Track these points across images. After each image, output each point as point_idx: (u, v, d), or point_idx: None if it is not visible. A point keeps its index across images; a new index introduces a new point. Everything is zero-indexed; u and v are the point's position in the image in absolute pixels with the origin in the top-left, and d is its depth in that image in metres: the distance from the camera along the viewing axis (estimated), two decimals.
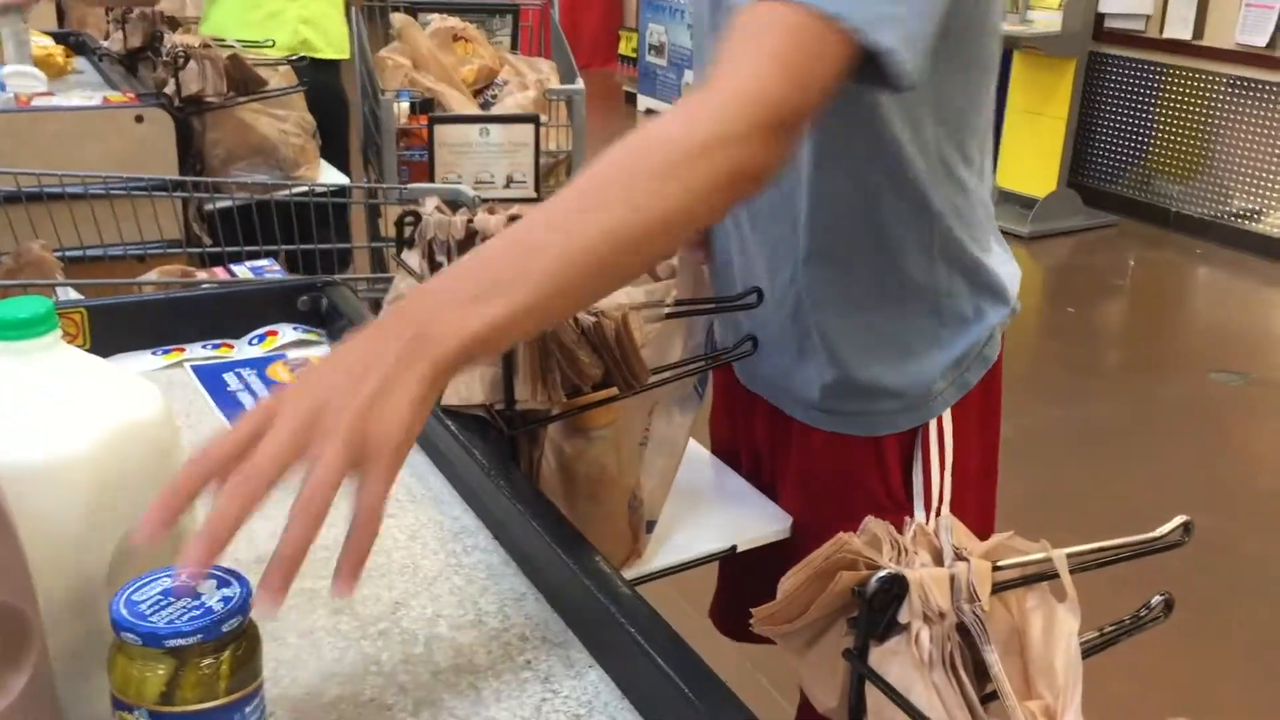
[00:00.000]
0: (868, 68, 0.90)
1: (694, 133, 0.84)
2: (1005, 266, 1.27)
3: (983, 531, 1.05)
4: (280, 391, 0.70)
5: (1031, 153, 5.97)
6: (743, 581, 1.47)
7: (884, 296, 1.19)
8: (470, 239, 1.25)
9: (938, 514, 1.27)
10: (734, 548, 1.22)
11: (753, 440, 1.38)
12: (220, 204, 2.17)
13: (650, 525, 1.18)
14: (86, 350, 1.19)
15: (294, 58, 2.59)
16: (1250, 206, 5.65)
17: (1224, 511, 3.28)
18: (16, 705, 0.59)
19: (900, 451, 1.26)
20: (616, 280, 0.87)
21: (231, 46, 2.52)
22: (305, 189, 2.39)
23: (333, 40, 3.25)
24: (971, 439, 1.28)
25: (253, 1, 3.04)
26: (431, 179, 3.02)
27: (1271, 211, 5.56)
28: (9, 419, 0.68)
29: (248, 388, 1.23)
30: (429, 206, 1.28)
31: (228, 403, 1.20)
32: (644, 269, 1.02)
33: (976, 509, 1.32)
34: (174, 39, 2.47)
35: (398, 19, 3.36)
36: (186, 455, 0.70)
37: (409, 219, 1.26)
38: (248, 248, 1.89)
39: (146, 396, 0.74)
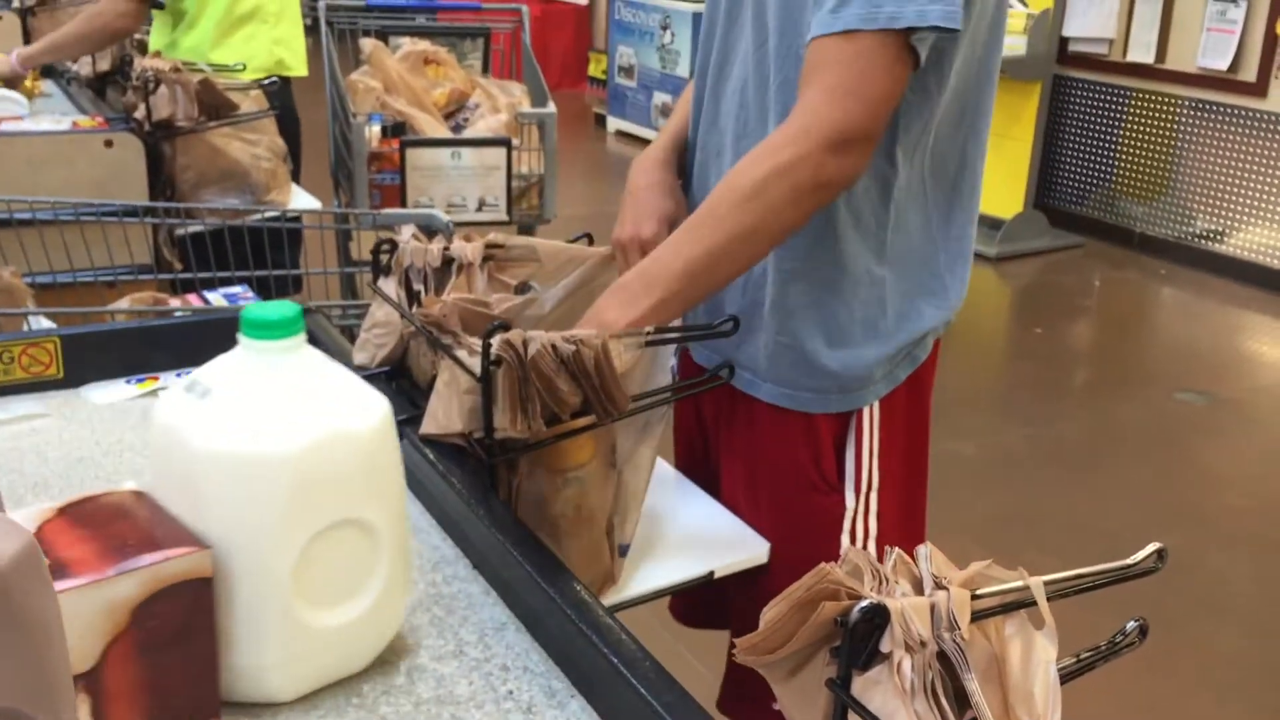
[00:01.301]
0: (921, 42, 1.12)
1: (772, 160, 1.12)
2: (958, 272, 1.34)
3: (911, 538, 1.12)
4: None
5: (998, 175, 6.03)
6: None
7: (835, 282, 1.28)
8: (446, 266, 1.25)
9: (867, 500, 1.35)
10: (711, 574, 1.22)
11: (700, 419, 1.46)
12: (191, 229, 2.16)
13: (624, 549, 1.18)
14: (59, 379, 1.19)
15: (267, 80, 2.58)
16: (1213, 227, 5.73)
17: (1189, 530, 3.32)
18: None
19: (833, 433, 1.33)
20: (723, 279, 1.19)
21: (202, 70, 2.51)
22: (277, 214, 2.39)
23: (300, 58, 3.25)
24: (898, 436, 1.36)
25: (227, 28, 3.04)
26: (403, 203, 3.02)
27: (1234, 233, 5.64)
28: (236, 409, 0.75)
29: None
30: (405, 234, 1.28)
31: None
32: (746, 267, 1.20)
33: (903, 511, 1.38)
34: (144, 63, 2.46)
35: (367, 43, 3.37)
36: (399, 468, 0.82)
37: (385, 247, 1.26)
38: (219, 273, 1.89)
39: (369, 409, 0.79)
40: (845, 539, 1.34)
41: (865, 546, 1.35)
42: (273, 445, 0.74)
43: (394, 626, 0.85)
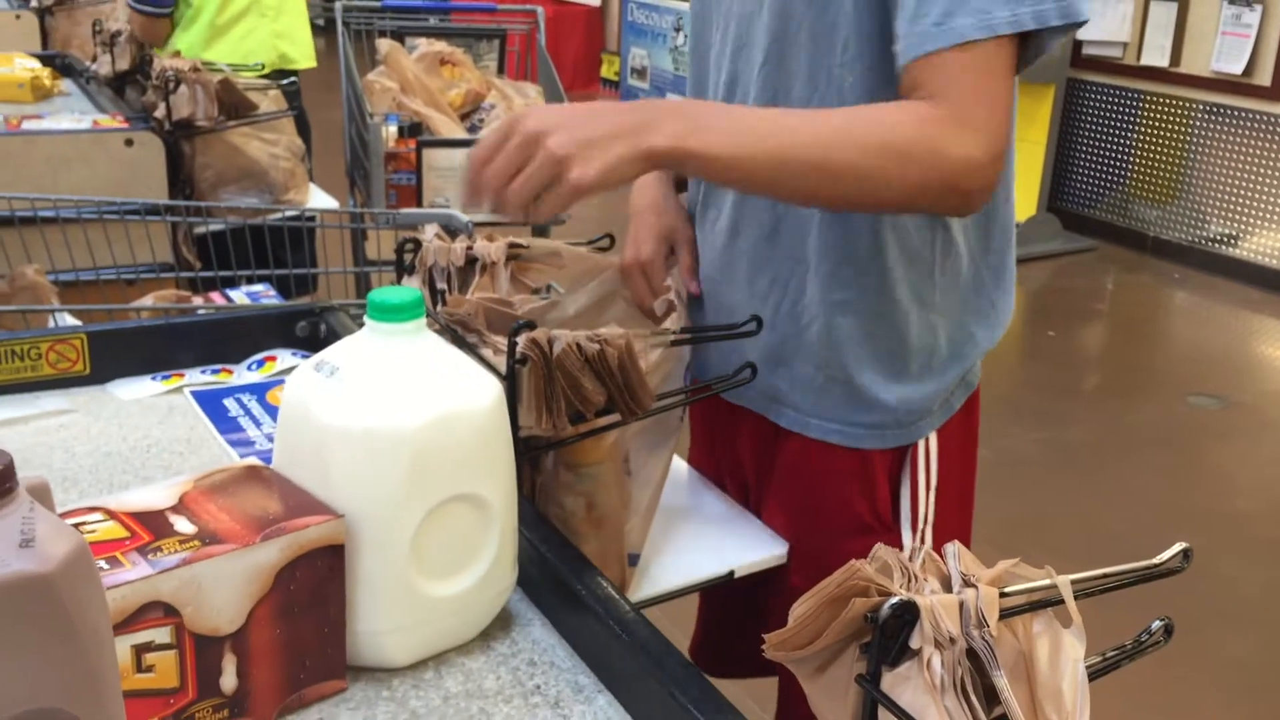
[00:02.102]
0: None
1: (935, 138, 1.02)
2: (1008, 295, 1.29)
3: None
4: (530, 116, 1.00)
5: None
6: (725, 616, 1.48)
7: (887, 313, 1.21)
8: (470, 265, 1.27)
9: (923, 536, 1.28)
10: (731, 573, 1.23)
11: (738, 465, 1.38)
12: (210, 227, 2.17)
13: (634, 559, 1.18)
14: (86, 375, 1.21)
15: (287, 80, 2.60)
16: (1227, 231, 5.72)
17: (1201, 534, 3.32)
18: None
19: (887, 470, 1.27)
20: (785, 192, 1.10)
21: (222, 70, 2.53)
22: (295, 213, 2.40)
23: (305, 51, 3.26)
24: (954, 463, 1.30)
25: (225, 23, 3.06)
26: (419, 202, 3.03)
27: (1248, 236, 5.63)
28: (361, 387, 0.79)
29: (248, 413, 1.24)
30: (429, 234, 1.30)
31: (229, 428, 1.20)
32: (809, 203, 1.14)
33: (955, 535, 1.33)
34: (164, 62, 2.48)
35: (384, 44, 3.38)
36: (510, 447, 0.86)
37: (409, 246, 1.27)
38: (240, 272, 1.90)
39: (484, 389, 0.83)
40: None
41: None
42: (396, 421, 0.78)
43: (501, 600, 0.89)
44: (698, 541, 1.28)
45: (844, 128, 1.04)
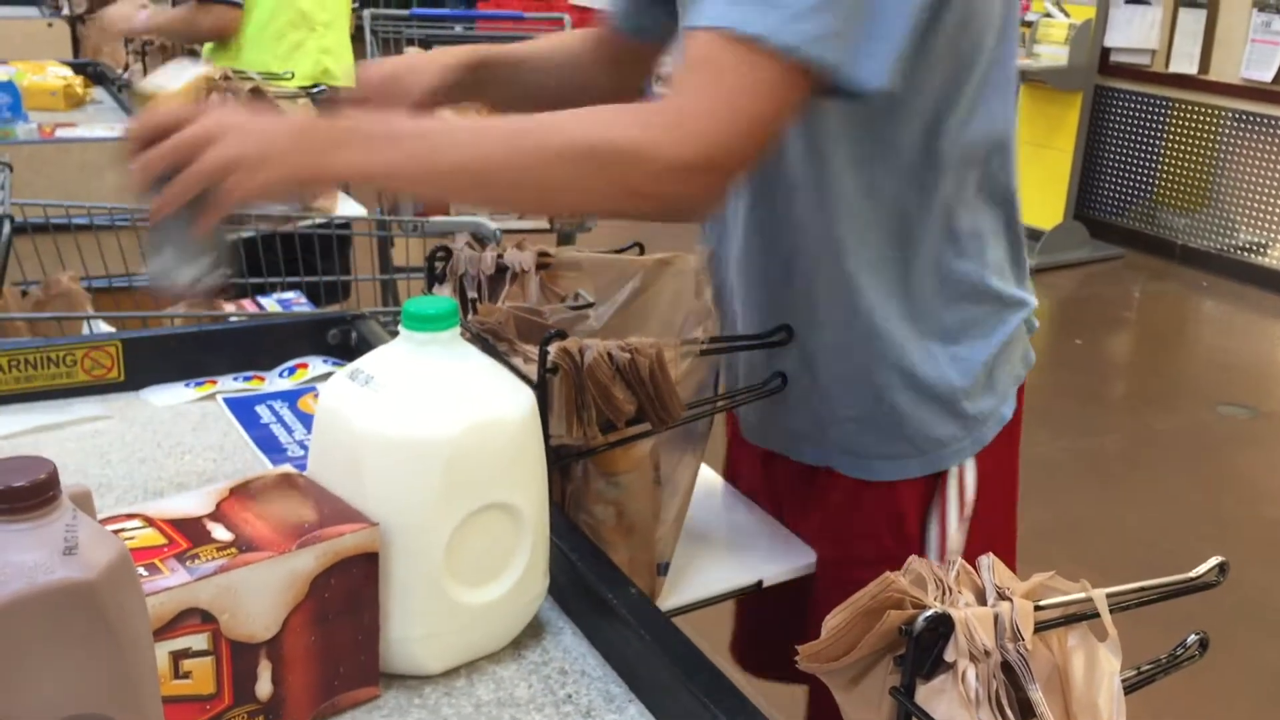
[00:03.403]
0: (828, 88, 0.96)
1: (629, 134, 0.95)
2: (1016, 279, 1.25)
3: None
4: (210, 113, 0.97)
5: (1038, 185, 6.01)
6: (765, 616, 1.47)
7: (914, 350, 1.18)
8: (500, 274, 1.27)
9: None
10: (759, 583, 1.23)
11: (774, 490, 1.36)
12: (241, 234, 2.19)
13: (663, 568, 1.18)
14: (120, 382, 1.22)
15: (315, 88, 2.62)
16: (1256, 240, 5.67)
17: (1231, 543, 3.29)
18: None
19: (917, 501, 1.24)
20: (460, 196, 1.12)
21: (253, 79, 2.54)
22: (324, 220, 2.41)
23: (347, 70, 3.29)
24: (992, 492, 1.26)
25: (277, 35, 3.08)
26: (446, 210, 3.04)
27: (1277, 245, 5.59)
28: (396, 395, 0.80)
29: (280, 420, 1.25)
30: (460, 242, 1.30)
31: (261, 435, 1.21)
32: (487, 206, 1.16)
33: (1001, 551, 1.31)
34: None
35: (411, 52, 3.39)
36: (543, 457, 0.86)
37: (440, 254, 1.28)
38: (270, 279, 1.91)
39: (517, 397, 0.84)
40: None
41: None
42: (430, 429, 0.79)
43: (533, 608, 0.89)
44: (726, 550, 1.28)
45: (533, 134, 0.98)
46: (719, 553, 1.27)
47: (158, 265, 1.03)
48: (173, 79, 1.01)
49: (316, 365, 1.36)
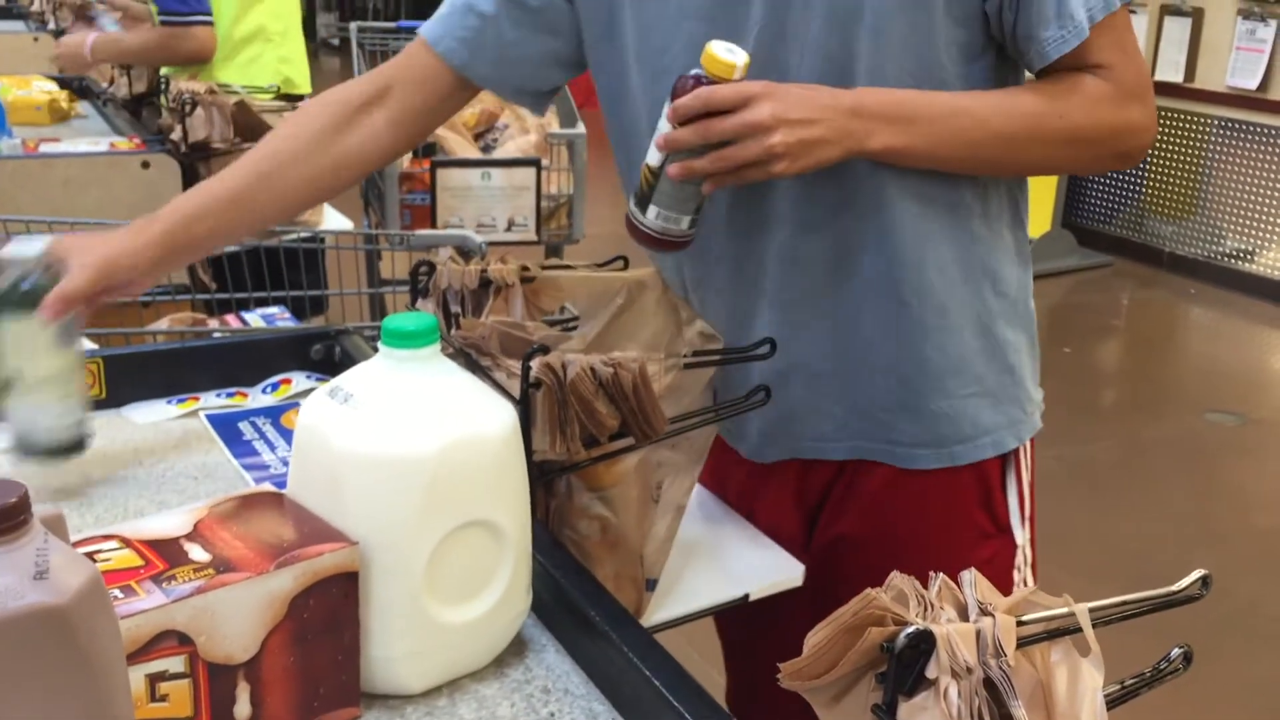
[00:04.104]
0: None
1: (1121, 117, 1.15)
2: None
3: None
4: (760, 94, 1.03)
5: None
6: (757, 660, 1.45)
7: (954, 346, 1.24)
8: (484, 288, 1.27)
9: (1032, 538, 1.34)
10: (746, 596, 1.22)
11: (801, 514, 1.34)
12: (225, 249, 2.18)
13: (651, 584, 1.18)
14: (102, 399, 1.21)
15: (301, 103, 2.61)
16: (1243, 247, 5.69)
17: (1220, 552, 3.29)
18: None
19: (999, 477, 1.30)
20: (974, 168, 1.17)
21: (237, 93, 2.54)
22: (308, 235, 2.41)
23: (305, 76, 3.27)
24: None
25: (234, 50, 3.05)
26: (434, 223, 3.04)
27: (1264, 252, 5.61)
28: (376, 413, 0.80)
29: (262, 436, 1.24)
30: (443, 256, 1.30)
31: (244, 451, 1.21)
32: (993, 174, 1.21)
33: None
34: (180, 85, 2.49)
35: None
36: (525, 474, 0.86)
37: (424, 269, 1.27)
38: (254, 294, 1.91)
39: (498, 413, 0.84)
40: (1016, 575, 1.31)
41: (1028, 582, 1.33)
42: (410, 447, 0.79)
43: (515, 626, 0.89)
44: (711, 564, 1.27)
45: (1033, 122, 1.13)
46: (704, 566, 1.26)
47: (659, 218, 1.10)
48: (25, 250, 1.01)
49: (300, 381, 1.35)
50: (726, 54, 1.06)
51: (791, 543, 1.30)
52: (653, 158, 1.10)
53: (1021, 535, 1.31)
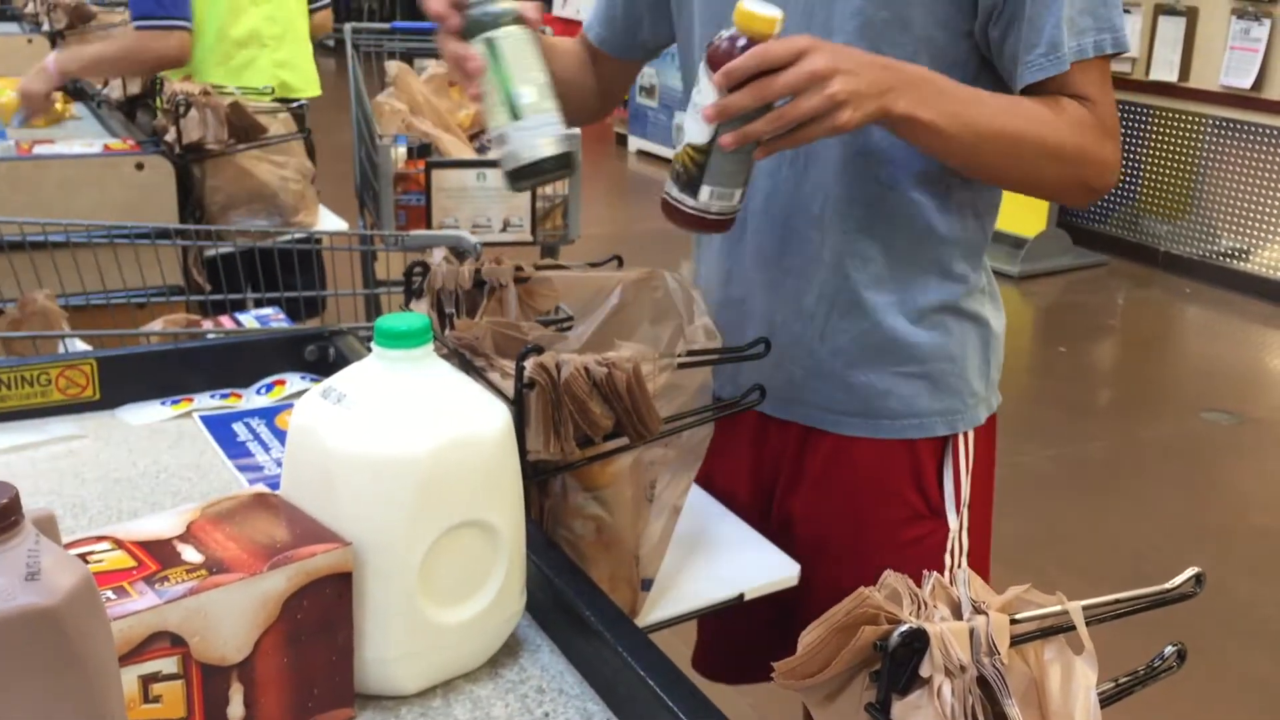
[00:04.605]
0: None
1: (1098, 147, 1.17)
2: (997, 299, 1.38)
3: (984, 555, 1.17)
4: (808, 48, 1.02)
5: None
6: (724, 624, 1.47)
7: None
8: (478, 288, 1.26)
9: (963, 523, 1.34)
10: (741, 596, 1.22)
11: (762, 475, 1.40)
12: (220, 250, 2.18)
13: (647, 584, 1.18)
14: (96, 400, 1.21)
15: (296, 104, 2.61)
16: (1238, 246, 5.70)
17: (1216, 551, 3.30)
18: None
19: (934, 459, 1.33)
20: (967, 166, 1.19)
21: (232, 94, 2.54)
22: (305, 235, 2.41)
23: (309, 79, 3.25)
24: (980, 465, 1.36)
25: (226, 55, 3.03)
26: (429, 224, 3.04)
27: (1259, 251, 5.62)
28: (369, 413, 0.79)
29: (256, 437, 1.24)
30: (437, 257, 1.30)
31: (238, 453, 1.20)
32: (997, 182, 1.26)
33: (981, 529, 1.38)
34: (175, 86, 2.49)
35: (393, 66, 3.39)
36: (519, 474, 0.86)
37: (418, 270, 1.27)
38: (249, 295, 1.91)
39: (492, 413, 0.84)
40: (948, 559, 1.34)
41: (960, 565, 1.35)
42: (404, 447, 0.78)
43: (509, 626, 0.88)
44: (706, 563, 1.27)
45: (1033, 126, 1.15)
46: (699, 565, 1.26)
47: (713, 197, 1.08)
48: None
49: (294, 382, 1.35)
50: (764, 9, 1.03)
51: (750, 510, 1.37)
52: (697, 135, 1.06)
53: (955, 521, 1.33)
